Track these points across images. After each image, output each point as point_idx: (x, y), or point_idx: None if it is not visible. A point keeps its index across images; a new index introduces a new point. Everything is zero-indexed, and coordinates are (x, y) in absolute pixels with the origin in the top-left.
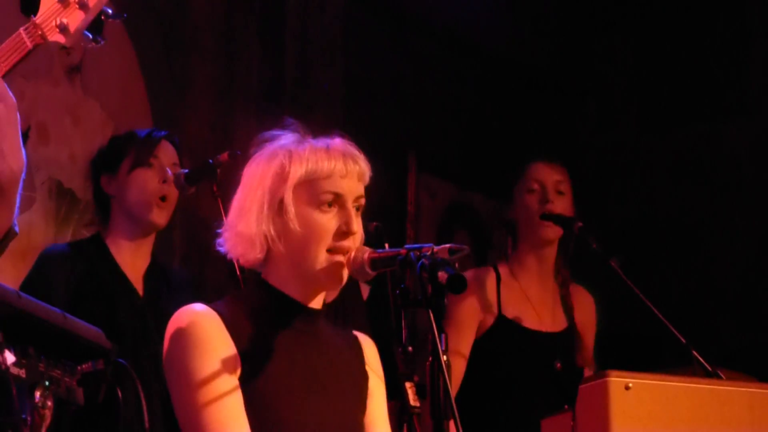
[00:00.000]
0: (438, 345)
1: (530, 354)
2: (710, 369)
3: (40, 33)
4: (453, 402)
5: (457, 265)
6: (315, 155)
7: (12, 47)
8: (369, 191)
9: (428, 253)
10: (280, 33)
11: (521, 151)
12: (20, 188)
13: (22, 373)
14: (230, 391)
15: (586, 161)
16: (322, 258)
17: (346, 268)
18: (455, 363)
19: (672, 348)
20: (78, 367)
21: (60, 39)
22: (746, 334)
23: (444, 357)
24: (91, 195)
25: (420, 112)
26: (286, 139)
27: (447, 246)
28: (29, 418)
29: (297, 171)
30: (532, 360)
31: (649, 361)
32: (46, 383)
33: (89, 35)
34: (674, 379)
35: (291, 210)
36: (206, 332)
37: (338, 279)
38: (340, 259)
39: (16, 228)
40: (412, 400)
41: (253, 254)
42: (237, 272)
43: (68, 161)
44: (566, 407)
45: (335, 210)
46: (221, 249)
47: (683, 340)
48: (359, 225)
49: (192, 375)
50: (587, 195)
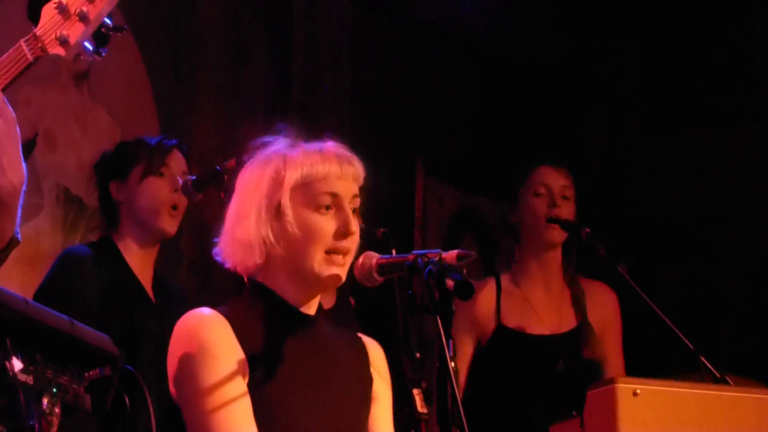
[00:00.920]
0: (446, 351)
1: (532, 359)
2: (718, 375)
3: (41, 45)
4: (461, 408)
5: (465, 271)
6: (309, 158)
7: (13, 60)
8: (376, 197)
9: (436, 259)
10: (287, 39)
11: (528, 156)
12: (21, 200)
13: (30, 380)
14: (239, 396)
15: (593, 165)
16: (321, 259)
17: (344, 269)
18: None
19: (680, 354)
20: (85, 374)
21: (60, 52)
22: (754, 340)
23: (452, 363)
24: (97, 200)
25: (427, 118)
26: (279, 144)
27: (454, 252)
28: (37, 425)
29: (293, 175)
30: (535, 364)
31: (657, 367)
32: (54, 390)
33: (90, 47)
34: (682, 386)
35: (289, 213)
36: (215, 337)
37: (337, 279)
38: (339, 260)
39: (18, 236)
40: (420, 407)
41: (252, 259)
42: (245, 279)
43: (76, 168)
44: (574, 414)
45: (333, 211)
46: (218, 258)
47: (691, 346)
48: (357, 225)
49: (201, 380)
50: (593, 199)
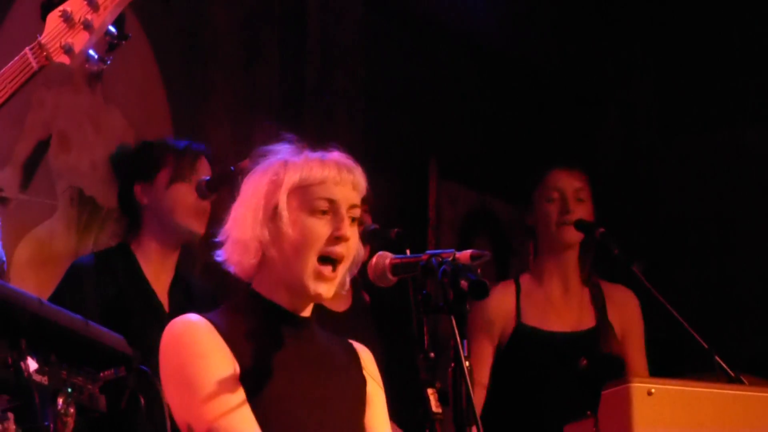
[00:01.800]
0: (460, 351)
1: (552, 356)
2: (733, 374)
3: (46, 54)
4: (475, 408)
5: (479, 271)
6: (309, 164)
7: (18, 68)
8: (390, 197)
9: (450, 259)
10: (300, 41)
11: (542, 158)
12: None
13: (45, 380)
14: (239, 401)
15: (607, 167)
16: (311, 265)
17: (332, 287)
18: (476, 392)
19: (694, 353)
20: (100, 374)
21: (65, 60)
22: None
23: (466, 363)
24: (116, 200)
25: (440, 119)
26: (283, 152)
27: (468, 252)
28: (52, 425)
29: (291, 177)
30: (555, 361)
31: (672, 367)
32: (69, 390)
33: (95, 55)
34: (697, 385)
35: (285, 215)
36: (204, 343)
37: (321, 292)
38: (327, 272)
39: (3, 257)
40: (434, 407)
41: (248, 259)
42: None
43: (89, 169)
44: (589, 413)
45: (329, 217)
46: (218, 259)
47: (706, 346)
48: (354, 233)
49: (197, 388)
50: (608, 201)
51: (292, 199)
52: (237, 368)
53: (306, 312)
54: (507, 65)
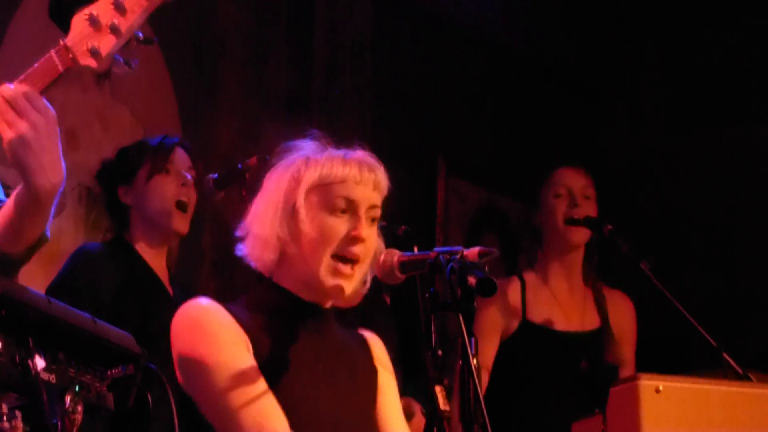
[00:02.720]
0: (468, 349)
1: (557, 354)
2: (741, 372)
3: (71, 56)
4: (483, 406)
5: (487, 268)
6: (331, 161)
7: (44, 70)
8: (398, 195)
9: (457, 257)
10: (308, 38)
11: (550, 155)
12: (57, 199)
13: (52, 379)
14: (253, 376)
15: (615, 164)
16: (327, 263)
17: (351, 283)
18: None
19: (702, 351)
20: (108, 372)
21: (91, 63)
22: None
23: (474, 361)
24: (105, 207)
25: (449, 116)
26: (307, 148)
27: (476, 249)
28: (59, 424)
29: (312, 175)
30: (559, 360)
31: (680, 364)
32: (76, 388)
33: (121, 59)
34: (705, 382)
35: (303, 212)
36: (217, 323)
37: (340, 291)
38: (345, 270)
39: (48, 234)
40: (442, 404)
41: (267, 255)
42: (265, 277)
43: (98, 167)
44: (597, 411)
45: (347, 216)
46: (240, 253)
47: (714, 343)
48: (372, 234)
49: (211, 367)
50: (616, 198)
51: (312, 197)
52: (249, 345)
53: (326, 305)
54: (515, 62)
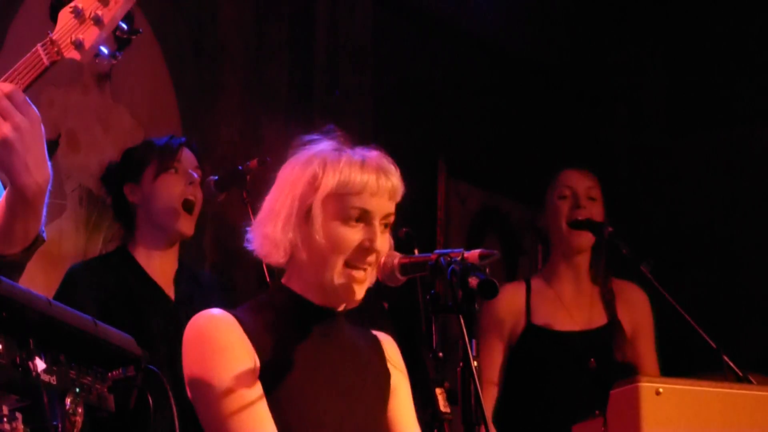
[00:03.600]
0: (469, 350)
1: (562, 355)
2: (741, 374)
3: (56, 50)
4: (483, 408)
5: (488, 271)
6: (349, 168)
7: (29, 64)
8: (399, 200)
9: (458, 259)
10: (310, 39)
11: (551, 157)
12: (47, 199)
13: (53, 380)
14: (254, 397)
15: (617, 166)
16: (340, 271)
17: (362, 288)
18: (488, 390)
19: (703, 353)
20: (109, 374)
21: (75, 56)
22: None
23: (475, 363)
24: (111, 207)
25: (450, 118)
26: (323, 146)
27: (477, 251)
28: (60, 425)
29: (329, 182)
30: (565, 361)
31: (680, 366)
32: (77, 390)
33: (105, 51)
34: (705, 385)
35: (318, 221)
36: (225, 338)
37: (353, 294)
38: (358, 275)
39: (44, 235)
40: (443, 407)
41: (276, 257)
42: (267, 279)
43: (98, 169)
44: (597, 413)
45: (361, 226)
46: (249, 246)
47: (714, 345)
48: (385, 243)
49: (215, 383)
50: (618, 199)
51: (327, 205)
52: (257, 363)
53: (338, 307)
54: (516, 64)
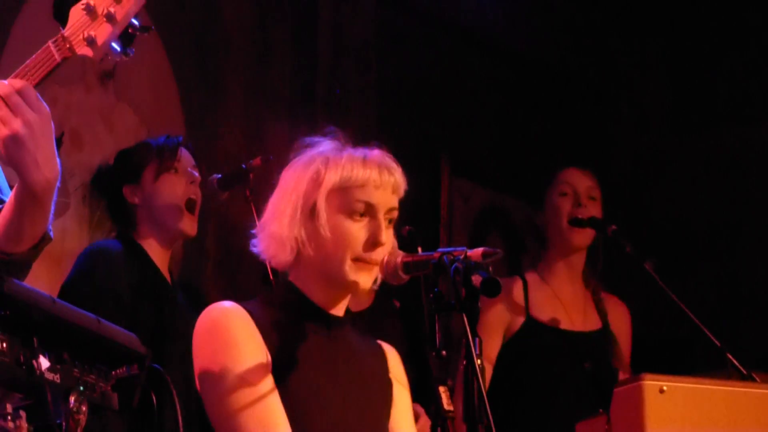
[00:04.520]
0: (472, 349)
1: (561, 352)
2: (745, 372)
3: (68, 46)
4: (487, 406)
5: (491, 269)
6: (351, 163)
7: (41, 60)
8: (403, 195)
9: (461, 257)
10: (313, 38)
11: (554, 155)
12: (55, 196)
13: (57, 379)
14: (268, 391)
15: (620, 164)
16: (348, 265)
17: (371, 277)
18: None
19: (706, 351)
20: (112, 372)
21: (88, 52)
22: None
23: (478, 361)
24: (106, 209)
25: (453, 116)
26: (325, 146)
27: (480, 249)
28: (64, 423)
29: (332, 177)
30: (564, 359)
31: (684, 364)
32: (81, 388)
33: (117, 48)
34: (709, 383)
35: (323, 216)
36: (239, 330)
37: (361, 285)
38: (366, 268)
39: (51, 233)
40: (446, 405)
41: (283, 256)
42: (270, 277)
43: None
44: (601, 411)
45: (366, 220)
46: (254, 249)
47: (718, 343)
48: (390, 237)
49: (228, 376)
50: (620, 198)
51: (331, 200)
52: (269, 358)
53: (338, 311)
54: (519, 62)
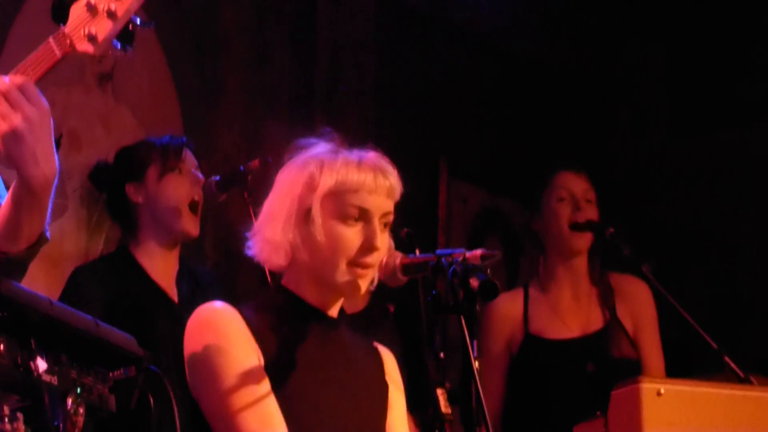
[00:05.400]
0: (470, 351)
1: (558, 364)
2: (742, 375)
3: (69, 42)
4: (484, 408)
5: (489, 271)
6: (346, 167)
7: (41, 56)
8: (400, 198)
9: (460, 259)
10: (311, 39)
11: (552, 158)
12: (53, 194)
13: (54, 381)
14: (264, 392)
15: (618, 168)
16: (343, 270)
17: (366, 281)
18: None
19: (704, 354)
20: (110, 374)
21: (88, 49)
22: None
23: (475, 363)
24: (105, 207)
25: (451, 118)
26: (320, 149)
27: (478, 252)
28: (61, 425)
29: (326, 182)
30: (561, 369)
31: (681, 367)
32: (78, 390)
33: (118, 44)
34: (706, 385)
35: (317, 221)
36: (229, 330)
37: (356, 289)
38: (361, 272)
39: (48, 234)
40: (444, 407)
41: (277, 260)
42: (268, 279)
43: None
44: (598, 413)
45: (361, 225)
46: (249, 252)
47: (715, 346)
48: (385, 241)
49: (222, 377)
50: (620, 201)
51: (326, 204)
52: (261, 359)
53: (333, 311)
54: (517, 65)
